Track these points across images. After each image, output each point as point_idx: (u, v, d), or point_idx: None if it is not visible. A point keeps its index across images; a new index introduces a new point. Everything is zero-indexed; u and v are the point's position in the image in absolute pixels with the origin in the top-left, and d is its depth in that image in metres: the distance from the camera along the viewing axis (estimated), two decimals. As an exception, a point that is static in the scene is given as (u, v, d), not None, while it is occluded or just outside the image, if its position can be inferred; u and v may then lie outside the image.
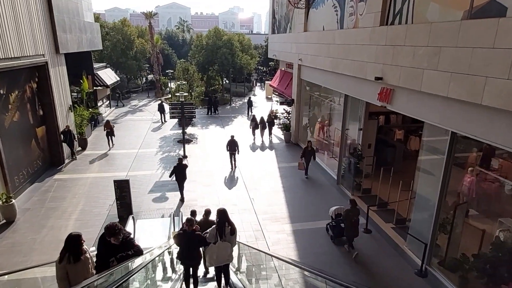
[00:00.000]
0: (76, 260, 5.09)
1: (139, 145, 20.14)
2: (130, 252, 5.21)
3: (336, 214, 10.89)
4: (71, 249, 5.15)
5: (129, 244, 5.32)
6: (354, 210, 9.94)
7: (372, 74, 10.88)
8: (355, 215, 9.91)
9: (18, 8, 13.13)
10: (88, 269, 5.30)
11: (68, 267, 5.05)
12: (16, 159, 13.19)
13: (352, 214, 9.88)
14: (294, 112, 20.76)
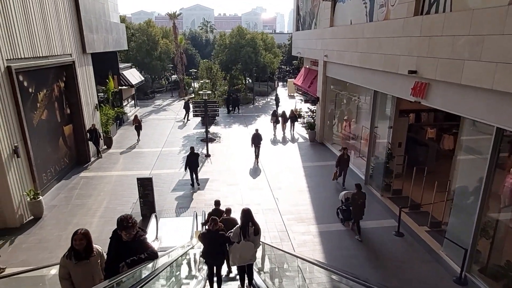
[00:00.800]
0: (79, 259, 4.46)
1: (163, 144, 20.18)
2: (142, 255, 4.38)
3: (346, 198, 11.41)
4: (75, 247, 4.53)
5: (142, 245, 4.55)
6: (360, 194, 10.58)
7: (405, 67, 10.25)
8: (361, 198, 10.54)
9: (46, 8, 13.35)
10: (96, 272, 4.63)
11: (71, 267, 4.46)
12: (44, 157, 13.41)
13: (358, 197, 10.53)
14: (319, 110, 20.20)
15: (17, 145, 10.93)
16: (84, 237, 4.50)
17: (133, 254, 4.33)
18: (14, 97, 11.02)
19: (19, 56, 11.45)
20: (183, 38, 44.54)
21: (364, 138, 15.27)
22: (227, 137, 22.05)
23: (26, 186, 11.45)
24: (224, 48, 35.01)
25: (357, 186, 10.85)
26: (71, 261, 4.44)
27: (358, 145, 16.16)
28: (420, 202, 11.46)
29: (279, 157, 18.03)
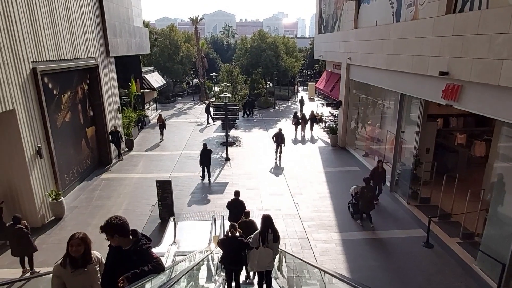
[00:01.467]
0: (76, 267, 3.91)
1: (183, 147, 20.17)
2: (146, 268, 3.61)
3: (356, 193, 11.73)
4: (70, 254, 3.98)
5: (145, 255, 3.78)
6: (369, 188, 11.09)
7: (435, 69, 9.72)
8: (370, 191, 11.08)
9: (71, 12, 13.59)
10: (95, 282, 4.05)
11: (66, 276, 3.90)
12: (67, 158, 13.57)
13: (367, 191, 11.02)
14: (341, 114, 19.69)
15: (41, 146, 11.07)
16: (82, 242, 3.93)
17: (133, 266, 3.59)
18: (39, 98, 11.19)
19: (45, 59, 11.65)
20: (204, 42, 44.92)
21: (389, 143, 14.70)
22: (247, 141, 21.84)
23: (48, 187, 11.58)
24: (245, 52, 34.97)
25: (365, 180, 11.26)
26: (67, 269, 3.91)
27: (383, 150, 15.58)
28: (450, 212, 10.80)
29: (300, 161, 17.63)
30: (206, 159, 14.82)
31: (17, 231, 8.36)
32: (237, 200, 10.20)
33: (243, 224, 8.38)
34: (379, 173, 12.50)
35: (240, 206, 9.95)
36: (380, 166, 12.63)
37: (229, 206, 10.26)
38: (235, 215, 9.60)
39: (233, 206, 10.14)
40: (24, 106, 10.42)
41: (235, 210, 9.94)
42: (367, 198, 11.00)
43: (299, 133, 22.94)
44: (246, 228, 8.15)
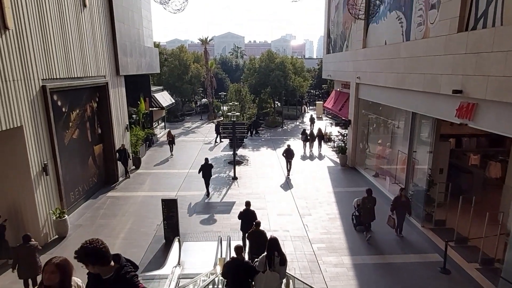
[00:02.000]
0: None
1: (190, 165, 19.99)
2: None
3: (358, 205, 11.88)
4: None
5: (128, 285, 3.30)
6: (370, 198, 11.29)
7: (448, 87, 9.49)
8: (371, 202, 11.25)
9: (83, 31, 13.81)
10: None
11: None
12: (73, 175, 13.47)
13: (368, 201, 11.25)
14: (351, 133, 19.42)
15: (47, 163, 10.98)
16: (56, 269, 3.23)
17: None
18: (47, 115, 11.19)
19: (55, 77, 11.74)
20: (213, 62, 45.53)
21: (401, 164, 14.33)
22: (255, 160, 21.61)
23: (53, 204, 11.41)
24: (254, 72, 35.25)
25: (367, 191, 11.52)
26: None
27: (394, 170, 15.18)
28: (467, 236, 10.29)
29: (309, 180, 17.27)
30: (207, 173, 15.34)
31: (30, 250, 8.05)
32: (248, 210, 10.37)
33: (253, 234, 8.66)
34: (402, 202, 11.16)
35: (252, 216, 10.11)
36: (403, 195, 11.30)
37: (241, 216, 10.41)
38: (247, 224, 9.85)
39: (244, 216, 10.30)
40: (32, 123, 10.41)
41: (246, 220, 10.11)
42: (368, 208, 11.28)
43: (307, 149, 23.66)
44: (256, 238, 8.51)
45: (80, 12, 13.69)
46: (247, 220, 9.96)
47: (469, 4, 9.07)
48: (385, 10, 14.68)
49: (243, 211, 10.45)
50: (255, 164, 20.62)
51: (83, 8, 13.95)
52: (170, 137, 22.97)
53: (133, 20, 19.95)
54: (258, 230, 8.74)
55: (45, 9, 11.19)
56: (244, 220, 10.30)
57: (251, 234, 8.77)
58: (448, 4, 9.78)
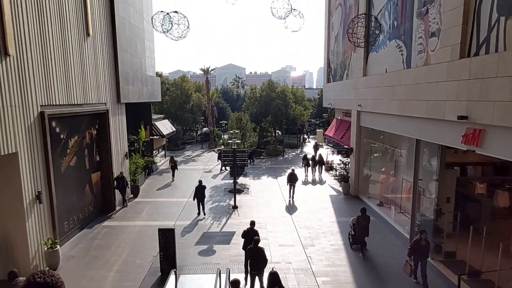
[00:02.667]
0: None
1: (190, 194, 19.54)
2: None
3: (354, 224, 12.28)
4: None
5: None
6: (364, 217, 11.94)
7: (453, 113, 9.33)
8: (365, 220, 11.91)
9: (85, 59, 13.91)
10: None
11: None
12: (68, 204, 13.07)
13: (363, 220, 11.89)
14: (353, 161, 19.12)
15: (41, 191, 10.64)
16: None
17: None
18: (44, 142, 10.98)
19: (54, 103, 11.65)
20: (215, 92, 46.05)
21: (406, 192, 13.95)
22: (256, 188, 21.18)
23: (45, 234, 10.94)
24: (255, 101, 35.51)
25: (362, 210, 12.17)
26: None
27: (399, 199, 14.77)
28: (480, 268, 9.75)
29: (311, 210, 16.77)
30: (201, 195, 16.01)
31: None
32: (252, 230, 10.71)
33: (252, 251, 9.27)
34: (422, 246, 9.84)
35: (255, 235, 10.16)
36: (424, 238, 9.87)
37: (245, 235, 10.71)
38: (249, 243, 9.94)
39: (248, 235, 10.55)
40: (27, 150, 10.18)
41: (249, 238, 10.22)
42: (362, 226, 11.89)
43: (309, 174, 24.22)
44: (255, 254, 9.17)
45: (84, 40, 13.85)
46: (250, 239, 9.94)
47: (470, 31, 9.08)
48: (384, 40, 14.86)
49: (247, 230, 10.74)
50: (256, 192, 20.18)
51: (87, 37, 14.13)
52: (173, 162, 23.66)
53: (136, 50, 20.26)
54: (256, 246, 9.27)
55: (47, 36, 11.28)
56: (247, 239, 10.48)
57: (250, 250, 9.40)
58: (449, 31, 9.82)
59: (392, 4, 14.02)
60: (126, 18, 18.57)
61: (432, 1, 11.01)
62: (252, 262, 9.33)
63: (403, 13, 13.12)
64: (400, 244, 12.77)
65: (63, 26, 12.31)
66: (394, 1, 13.83)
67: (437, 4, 10.69)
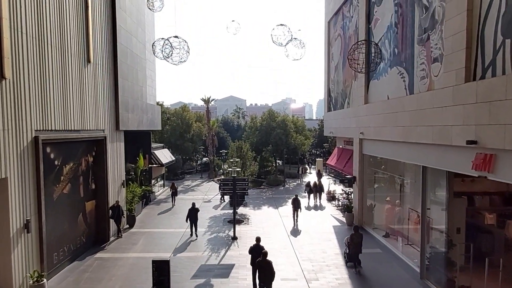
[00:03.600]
0: None
1: (188, 225, 18.82)
2: None
3: (348, 242, 12.85)
4: None
5: None
6: (357, 234, 12.68)
7: (460, 138, 9.00)
8: (358, 238, 12.62)
9: (85, 85, 13.82)
10: None
11: None
12: (60, 234, 12.44)
13: (356, 237, 12.61)
14: (356, 191, 18.57)
15: (30, 219, 10.10)
16: None
17: None
18: (37, 168, 10.59)
19: (50, 128, 11.37)
20: (215, 121, 46.12)
21: (413, 223, 13.34)
22: (256, 219, 20.47)
23: (31, 266, 10.27)
24: (255, 130, 35.39)
25: (354, 228, 13.13)
26: None
27: (406, 230, 14.11)
28: (500, 306, 9.01)
29: (314, 241, 16.00)
30: (194, 217, 16.75)
31: None
32: (258, 246, 11.22)
33: (260, 264, 9.87)
34: None
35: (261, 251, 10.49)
36: None
37: (251, 252, 11.28)
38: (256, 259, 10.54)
39: (255, 251, 11.08)
40: (18, 176, 9.77)
41: (256, 254, 10.79)
42: (356, 243, 12.59)
43: (311, 200, 24.66)
44: (263, 267, 9.78)
45: (84, 66, 13.82)
46: (257, 255, 10.51)
47: (474, 54, 8.95)
48: (385, 67, 14.84)
49: (253, 246, 11.37)
50: (256, 223, 19.46)
51: (87, 63, 14.12)
52: (173, 189, 24.31)
53: (137, 78, 20.33)
54: (265, 259, 9.88)
55: (47, 61, 11.21)
56: (253, 255, 11.06)
57: (258, 262, 9.98)
58: (452, 56, 9.70)
59: (392, 32, 14.11)
60: (128, 47, 18.76)
61: (433, 27, 11.02)
62: (260, 275, 9.89)
63: (403, 40, 13.15)
64: (409, 278, 12.00)
65: (64, 52, 12.29)
66: (394, 29, 13.94)
67: (438, 30, 10.68)
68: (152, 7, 15.45)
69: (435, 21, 10.87)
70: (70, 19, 12.80)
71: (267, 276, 9.73)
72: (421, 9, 11.75)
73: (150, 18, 24.92)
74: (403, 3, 13.18)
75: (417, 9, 12.09)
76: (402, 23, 13.22)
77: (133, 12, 19.75)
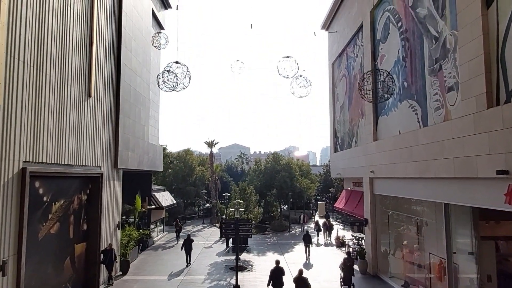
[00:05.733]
0: None
1: (186, 272, 17.32)
2: None
3: (342, 267, 13.97)
4: None
5: None
6: (349, 258, 14.17)
7: (488, 169, 8.12)
8: (349, 261, 13.98)
9: (83, 119, 13.34)
10: None
11: None
12: (41, 279, 11.15)
13: (347, 261, 13.95)
14: (369, 235, 17.19)
15: (7, 260, 8.99)
16: None
17: None
18: (21, 203, 9.67)
19: (40, 160, 10.63)
20: (219, 165, 45.39)
21: (435, 270, 11.97)
22: (260, 265, 18.85)
23: (3, 317, 8.97)
24: (259, 173, 34.47)
25: (347, 253, 15.12)
26: None
27: (428, 279, 12.65)
28: None
29: (325, 292, 14.41)
30: (188, 246, 18.88)
31: None
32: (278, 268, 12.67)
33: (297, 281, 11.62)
34: None
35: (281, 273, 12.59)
36: None
37: (273, 274, 12.53)
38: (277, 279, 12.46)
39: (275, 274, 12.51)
40: (-1, 209, 8.85)
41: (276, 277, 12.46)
42: (348, 266, 13.85)
43: (321, 238, 26.38)
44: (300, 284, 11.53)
45: (84, 100, 13.44)
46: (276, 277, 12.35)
47: (495, 79, 8.36)
48: (394, 102, 14.34)
49: (274, 268, 12.66)
50: (261, 270, 17.83)
51: (88, 97, 13.76)
52: (178, 226, 26.50)
53: (139, 116, 19.98)
54: (301, 276, 11.64)
55: (43, 91, 10.79)
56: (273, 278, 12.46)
57: (295, 280, 11.69)
58: (470, 82, 9.13)
59: (400, 66, 13.79)
60: (132, 85, 18.62)
61: (445, 57, 10.61)
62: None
63: (413, 73, 12.75)
64: (438, 335, 10.40)
65: (63, 84, 11.94)
66: (402, 63, 13.62)
67: (451, 59, 10.24)
68: (158, 45, 15.52)
69: (447, 50, 10.48)
70: (73, 53, 12.63)
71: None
72: (430, 40, 11.46)
73: (156, 61, 25.27)
74: (410, 37, 12.98)
75: (425, 41, 11.81)
76: (411, 56, 12.92)
77: (139, 53, 19.92)
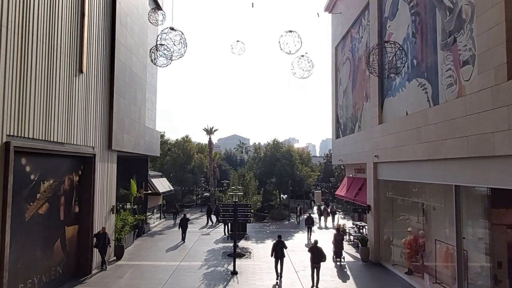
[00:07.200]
0: None
1: (182, 258, 16.82)
2: None
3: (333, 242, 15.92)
4: None
5: None
6: (339, 234, 16.09)
7: (506, 146, 7.48)
8: (339, 236, 15.96)
9: (74, 95, 12.68)
10: None
11: None
12: (28, 261, 10.59)
13: (337, 236, 15.91)
14: (371, 222, 16.64)
15: (-12, 239, 8.42)
16: None
17: None
18: (4, 179, 9.06)
19: (27, 135, 9.99)
20: (218, 153, 44.81)
21: (442, 257, 11.44)
22: (259, 252, 18.36)
23: (-16, 299, 8.42)
24: (259, 161, 33.88)
25: (336, 229, 16.88)
26: None
27: (433, 266, 12.14)
28: None
29: (327, 278, 13.85)
30: (184, 224, 20.64)
31: None
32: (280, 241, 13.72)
33: (312, 249, 12.75)
34: None
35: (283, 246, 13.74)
36: None
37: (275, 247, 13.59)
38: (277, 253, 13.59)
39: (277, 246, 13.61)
40: (-21, 185, 8.23)
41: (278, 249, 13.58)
42: (337, 240, 15.71)
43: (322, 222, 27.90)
44: (315, 252, 12.57)
45: (75, 75, 12.73)
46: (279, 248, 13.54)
47: (517, 47, 7.68)
48: (402, 81, 13.65)
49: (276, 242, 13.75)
50: (259, 257, 17.34)
51: (79, 73, 13.05)
52: (175, 209, 28.34)
53: (135, 98, 19.27)
54: (316, 246, 12.71)
55: (29, 61, 10.09)
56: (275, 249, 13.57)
57: (311, 249, 12.88)
58: (488, 54, 8.44)
59: (410, 43, 13.06)
60: (127, 65, 17.88)
61: (460, 28, 9.89)
62: (312, 257, 12.53)
63: (423, 49, 12.04)
64: (445, 323, 9.90)
65: (51, 56, 11.22)
66: (412, 40, 12.90)
67: (467, 30, 9.53)
68: (155, 22, 14.78)
69: (463, 21, 9.77)
70: (62, 23, 11.89)
71: (318, 258, 12.43)
72: (444, 12, 10.72)
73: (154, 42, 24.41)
74: (421, 11, 12.23)
75: (439, 13, 11.08)
76: (421, 32, 12.19)
77: (135, 31, 19.11)
